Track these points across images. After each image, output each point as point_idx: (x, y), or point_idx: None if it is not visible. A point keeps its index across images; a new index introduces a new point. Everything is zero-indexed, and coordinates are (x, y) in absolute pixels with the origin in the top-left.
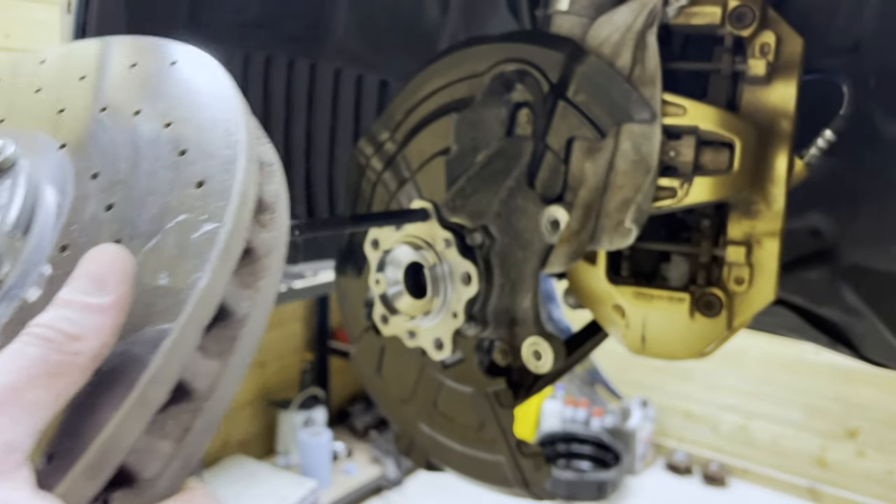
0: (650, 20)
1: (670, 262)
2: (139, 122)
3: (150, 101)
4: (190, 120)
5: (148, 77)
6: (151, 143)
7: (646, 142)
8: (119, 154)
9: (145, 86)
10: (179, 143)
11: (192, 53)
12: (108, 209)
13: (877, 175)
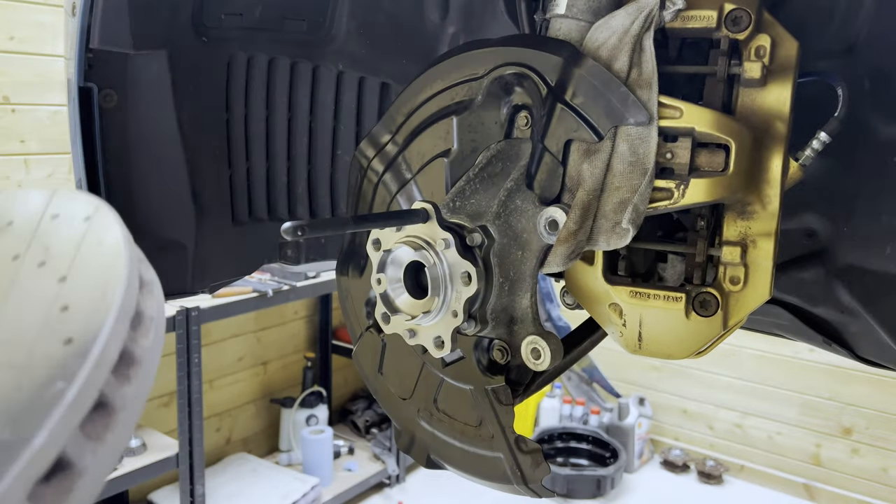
0: (647, 24)
1: (666, 262)
2: (42, 273)
3: (56, 255)
4: (79, 278)
5: (60, 231)
6: (43, 298)
7: (642, 144)
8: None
9: (54, 240)
10: (66, 299)
11: (103, 212)
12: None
13: (871, 176)
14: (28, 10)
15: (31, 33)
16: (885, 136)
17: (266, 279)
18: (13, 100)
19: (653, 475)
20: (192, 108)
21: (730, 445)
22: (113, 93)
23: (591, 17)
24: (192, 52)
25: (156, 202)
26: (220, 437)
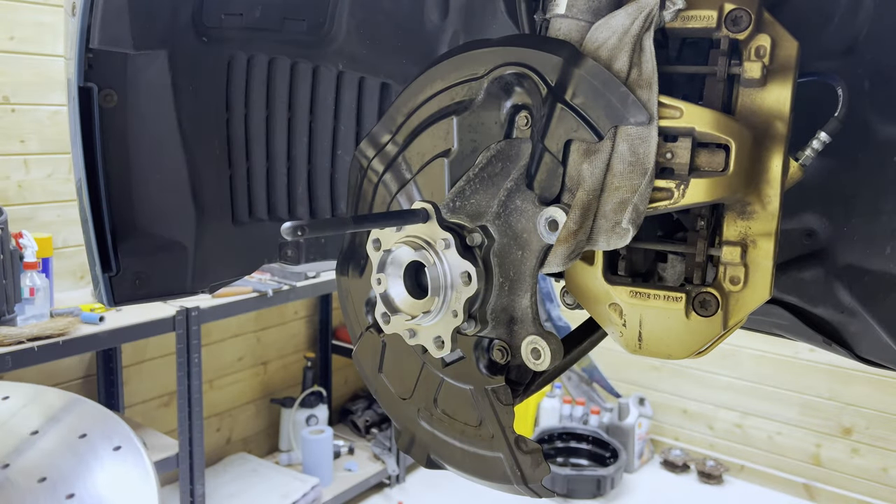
0: (647, 24)
1: (666, 262)
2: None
3: (84, 483)
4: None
5: (89, 457)
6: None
7: (642, 144)
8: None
9: (83, 464)
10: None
11: (134, 444)
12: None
13: (871, 176)
14: (28, 10)
15: (31, 33)
16: (885, 136)
17: (266, 279)
18: (13, 100)
19: (653, 475)
20: (193, 108)
21: (730, 445)
22: (113, 93)
23: (591, 17)
24: (192, 52)
25: (156, 202)
26: (220, 437)
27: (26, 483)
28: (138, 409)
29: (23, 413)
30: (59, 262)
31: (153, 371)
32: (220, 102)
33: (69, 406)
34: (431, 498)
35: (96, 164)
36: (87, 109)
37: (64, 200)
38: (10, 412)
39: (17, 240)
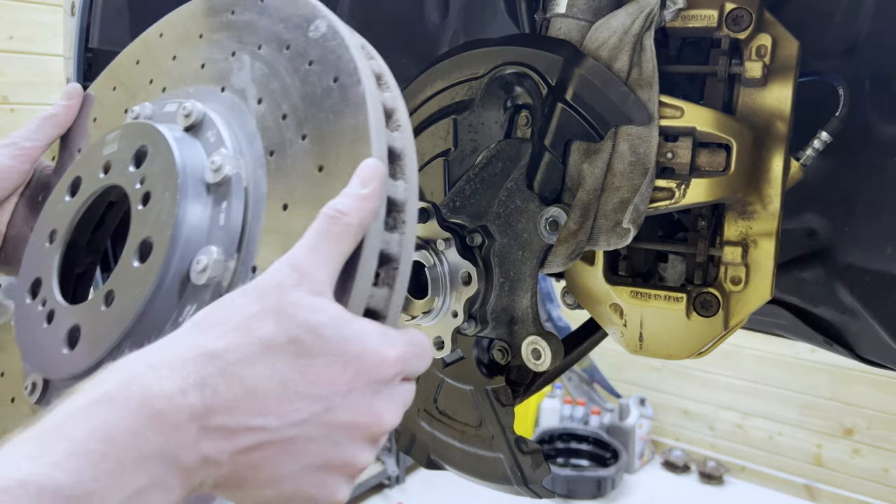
0: (647, 23)
1: (667, 262)
2: (287, 55)
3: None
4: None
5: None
6: (296, 73)
7: (643, 143)
8: (271, 82)
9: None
10: (328, 78)
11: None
12: (284, 118)
13: (872, 176)
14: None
15: (30, 33)
16: (886, 136)
17: None
18: (12, 99)
19: (653, 476)
20: None
21: (731, 446)
22: None
23: (591, 17)
24: None
25: None
26: None
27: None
28: None
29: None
30: None
31: None
32: None
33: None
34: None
35: None
36: None
37: None
38: (172, 37)
39: None
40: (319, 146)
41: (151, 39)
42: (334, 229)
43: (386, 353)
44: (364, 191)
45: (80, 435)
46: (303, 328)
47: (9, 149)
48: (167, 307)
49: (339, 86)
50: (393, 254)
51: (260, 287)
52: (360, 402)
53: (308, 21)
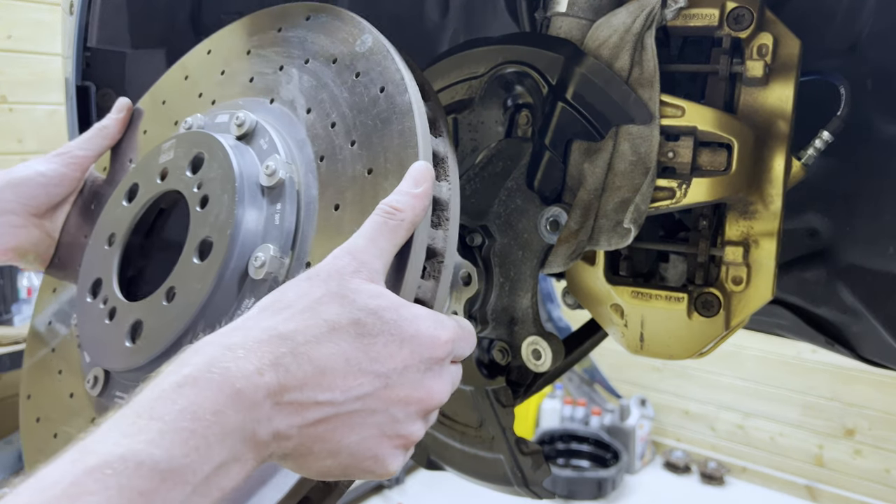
0: (648, 22)
1: (668, 262)
2: (335, 68)
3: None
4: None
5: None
6: (343, 84)
7: (644, 143)
8: (319, 93)
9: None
10: (373, 85)
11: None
12: (333, 126)
13: (874, 175)
14: (26, 8)
15: (28, 32)
16: (888, 135)
17: None
18: (10, 99)
19: (654, 477)
20: None
21: (732, 447)
22: (111, 91)
23: (592, 16)
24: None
25: None
26: None
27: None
28: None
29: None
30: None
31: None
32: None
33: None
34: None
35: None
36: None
37: None
38: (220, 54)
39: None
40: (368, 151)
41: (199, 56)
42: (390, 223)
43: (438, 334)
44: (416, 190)
45: (170, 415)
46: (364, 311)
47: (62, 157)
48: (227, 301)
49: (387, 95)
50: (438, 249)
51: (323, 273)
52: (415, 379)
53: (354, 36)
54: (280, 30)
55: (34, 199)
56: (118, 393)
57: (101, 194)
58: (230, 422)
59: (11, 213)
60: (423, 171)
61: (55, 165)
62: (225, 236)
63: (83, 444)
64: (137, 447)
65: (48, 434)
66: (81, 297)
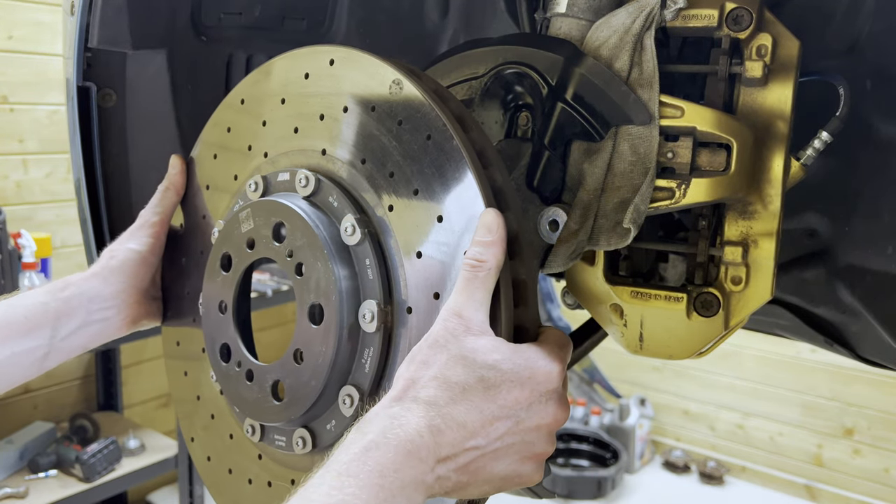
0: (648, 23)
1: (668, 262)
2: (376, 116)
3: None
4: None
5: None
6: (389, 133)
7: (643, 143)
8: (368, 143)
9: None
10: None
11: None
12: (392, 175)
13: (873, 176)
14: (27, 9)
15: (29, 32)
16: (887, 136)
17: (265, 279)
18: (11, 99)
19: (654, 476)
20: (191, 107)
21: (731, 446)
22: (112, 92)
23: (591, 16)
24: (191, 51)
25: None
26: None
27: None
28: (137, 410)
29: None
30: (58, 262)
31: (152, 371)
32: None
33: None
34: None
35: (95, 164)
36: (85, 109)
37: (62, 200)
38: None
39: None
40: (432, 199)
41: (234, 107)
42: (480, 275)
43: (551, 369)
44: (492, 237)
45: (364, 473)
46: (485, 368)
47: (145, 229)
48: (349, 354)
49: (434, 143)
50: (521, 277)
51: (441, 339)
52: (539, 409)
53: (383, 81)
54: (307, 76)
55: (137, 277)
56: (276, 437)
57: (181, 247)
58: (406, 476)
59: (124, 292)
60: (493, 217)
61: (144, 238)
62: (332, 301)
63: (304, 492)
64: (345, 499)
65: (223, 470)
66: (214, 361)
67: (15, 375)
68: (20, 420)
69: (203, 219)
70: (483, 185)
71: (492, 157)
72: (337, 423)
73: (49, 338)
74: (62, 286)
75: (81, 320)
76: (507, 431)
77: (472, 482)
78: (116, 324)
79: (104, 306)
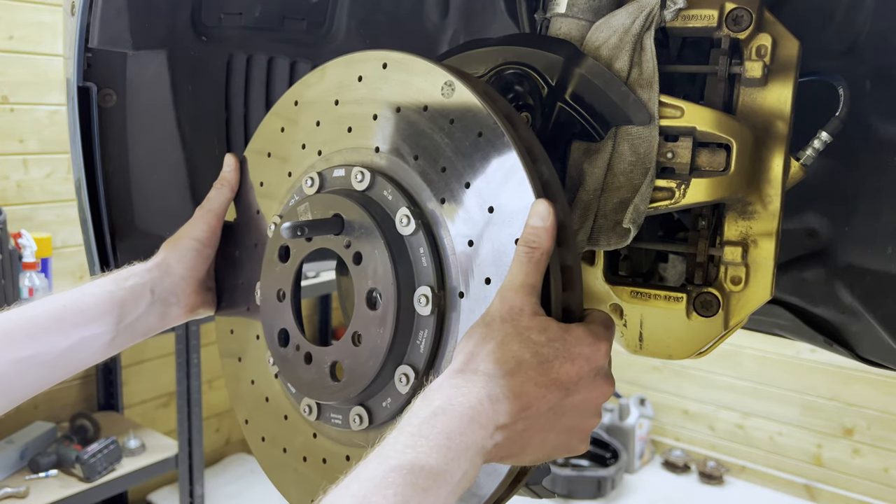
0: (648, 23)
1: (667, 262)
2: (428, 115)
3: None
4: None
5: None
6: (441, 131)
7: (643, 143)
8: (421, 140)
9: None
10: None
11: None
12: (444, 170)
13: (872, 176)
14: (27, 9)
15: (30, 33)
16: (886, 136)
17: None
18: (12, 99)
19: (654, 476)
20: (192, 107)
21: (731, 446)
22: (112, 92)
23: (591, 17)
24: (191, 51)
25: (155, 202)
26: (220, 437)
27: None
28: (137, 410)
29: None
30: (59, 261)
31: (152, 371)
32: (220, 102)
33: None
34: None
35: (95, 164)
36: (86, 109)
37: (63, 200)
38: (320, 104)
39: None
40: (483, 191)
41: (287, 108)
42: (533, 258)
43: (598, 347)
44: (544, 224)
45: (433, 435)
46: (538, 345)
47: (200, 223)
48: (405, 337)
49: (485, 139)
50: (567, 264)
51: (497, 317)
52: (588, 384)
53: (436, 83)
54: (361, 79)
55: (195, 268)
56: (333, 415)
57: (235, 240)
58: (469, 440)
59: (183, 282)
60: (545, 206)
61: (201, 232)
62: (389, 287)
63: (380, 450)
64: (418, 457)
65: (278, 449)
66: (273, 345)
67: (85, 358)
68: (20, 420)
69: (257, 214)
70: (533, 178)
71: (539, 152)
72: (393, 400)
73: (115, 324)
74: (126, 276)
75: (144, 309)
76: (558, 403)
77: (525, 450)
78: (176, 312)
79: (165, 296)
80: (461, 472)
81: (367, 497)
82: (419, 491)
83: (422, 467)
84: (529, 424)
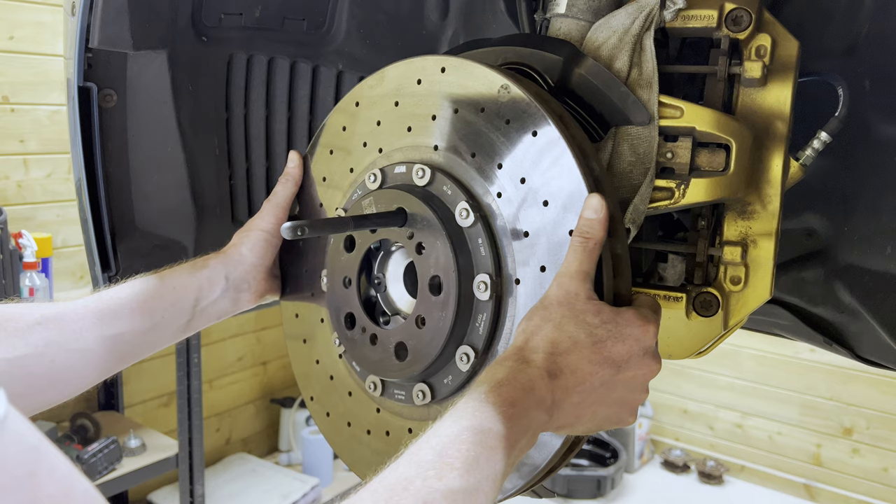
0: (647, 23)
1: (667, 262)
2: (485, 116)
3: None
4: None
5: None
6: (497, 130)
7: (643, 143)
8: (478, 139)
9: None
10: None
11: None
12: (500, 167)
13: (871, 176)
14: (28, 9)
15: (30, 33)
16: (886, 136)
17: None
18: (12, 99)
19: (653, 475)
20: (192, 108)
21: (730, 446)
22: (112, 93)
23: (591, 17)
24: (191, 51)
25: (155, 202)
26: (220, 437)
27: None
28: (138, 409)
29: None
30: (59, 261)
31: (153, 371)
32: (220, 102)
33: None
34: None
35: (96, 164)
36: (86, 109)
37: (63, 200)
38: (386, 101)
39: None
40: (537, 186)
41: (349, 108)
42: (587, 247)
43: (647, 328)
44: (597, 216)
45: (498, 403)
46: (592, 326)
47: (268, 215)
48: (465, 319)
49: (540, 138)
50: (617, 252)
51: (554, 301)
52: (636, 362)
53: (492, 86)
54: (420, 82)
55: (265, 256)
56: (397, 391)
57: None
58: (529, 409)
59: (254, 269)
60: (598, 199)
61: (269, 223)
62: (451, 274)
63: (453, 412)
64: (485, 420)
65: (343, 424)
66: (339, 328)
67: (164, 338)
68: None
69: (320, 207)
70: (585, 174)
71: (589, 150)
72: (453, 377)
73: (192, 308)
74: (202, 263)
75: (219, 294)
76: (610, 379)
77: (579, 421)
78: (247, 297)
79: (237, 282)
80: (522, 436)
81: (445, 449)
82: (487, 449)
83: (490, 429)
84: (583, 398)
